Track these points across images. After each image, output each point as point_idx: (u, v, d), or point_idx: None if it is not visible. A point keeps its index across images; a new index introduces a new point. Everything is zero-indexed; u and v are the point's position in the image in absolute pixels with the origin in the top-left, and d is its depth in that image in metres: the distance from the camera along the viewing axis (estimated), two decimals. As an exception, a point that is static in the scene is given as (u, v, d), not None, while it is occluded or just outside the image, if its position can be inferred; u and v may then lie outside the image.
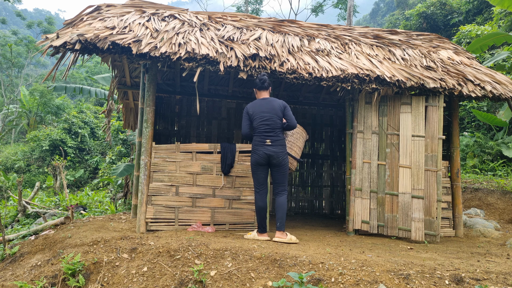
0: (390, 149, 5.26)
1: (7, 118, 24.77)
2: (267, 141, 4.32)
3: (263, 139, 4.34)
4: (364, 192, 5.35)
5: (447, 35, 17.75)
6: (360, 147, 5.44)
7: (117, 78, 6.48)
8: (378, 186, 5.24)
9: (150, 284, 3.28)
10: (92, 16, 4.91)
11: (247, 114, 4.49)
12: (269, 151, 4.30)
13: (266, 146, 4.32)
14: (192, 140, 7.56)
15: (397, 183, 5.14)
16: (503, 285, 2.93)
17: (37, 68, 42.58)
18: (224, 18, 5.79)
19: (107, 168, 14.06)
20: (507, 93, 5.28)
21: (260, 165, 4.38)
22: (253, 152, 4.40)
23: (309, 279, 3.05)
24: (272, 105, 4.42)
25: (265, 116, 4.37)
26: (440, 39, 6.77)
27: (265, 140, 4.33)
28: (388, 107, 5.35)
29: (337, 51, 5.51)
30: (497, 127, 10.51)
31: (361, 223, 5.40)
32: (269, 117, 4.37)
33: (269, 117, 4.37)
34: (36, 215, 7.66)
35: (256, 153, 4.37)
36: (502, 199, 7.11)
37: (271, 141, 4.32)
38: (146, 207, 4.82)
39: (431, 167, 5.02)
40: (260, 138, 4.36)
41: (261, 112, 4.39)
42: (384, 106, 5.37)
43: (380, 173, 5.29)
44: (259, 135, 4.37)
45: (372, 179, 5.30)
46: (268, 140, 4.32)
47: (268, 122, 4.36)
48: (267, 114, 4.37)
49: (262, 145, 4.33)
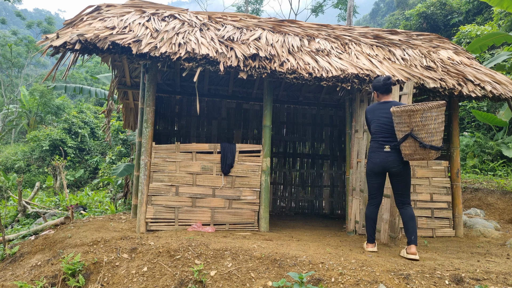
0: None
1: (7, 118, 24.77)
2: (386, 148, 3.90)
3: (381, 145, 3.94)
4: (357, 192, 5.38)
5: (447, 35, 17.74)
6: (356, 147, 5.46)
7: (117, 78, 6.48)
8: (364, 185, 5.22)
9: (150, 284, 3.28)
10: (92, 16, 4.91)
11: (366, 119, 4.20)
12: (387, 159, 3.87)
13: (383, 153, 3.90)
14: (192, 140, 7.56)
15: None
16: (503, 285, 2.93)
17: (37, 68, 42.57)
18: (224, 18, 5.79)
19: (107, 168, 14.06)
20: (507, 93, 5.28)
21: (376, 173, 3.99)
22: (368, 159, 4.05)
23: (309, 279, 3.05)
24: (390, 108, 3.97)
25: (385, 121, 3.96)
26: (440, 39, 6.77)
27: (383, 146, 3.92)
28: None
29: (337, 51, 5.51)
30: (497, 127, 10.51)
31: (354, 223, 5.40)
32: (389, 122, 3.91)
33: (389, 122, 3.92)
34: (36, 215, 7.66)
35: (371, 161, 4.00)
36: (502, 199, 7.11)
37: (390, 147, 3.89)
38: (146, 207, 4.82)
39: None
40: (377, 144, 3.98)
41: (380, 116, 3.99)
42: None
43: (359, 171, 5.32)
44: (376, 141, 4.00)
45: (362, 178, 5.30)
46: (387, 146, 3.90)
47: (388, 127, 3.92)
48: (387, 119, 3.94)
49: (379, 152, 3.93)
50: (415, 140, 3.62)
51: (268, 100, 5.31)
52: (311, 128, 8.20)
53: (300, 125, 8.19)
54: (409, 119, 3.62)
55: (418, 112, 3.57)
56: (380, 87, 4.09)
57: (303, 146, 8.26)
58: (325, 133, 8.28)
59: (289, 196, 8.06)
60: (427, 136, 3.59)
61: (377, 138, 3.99)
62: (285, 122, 8.15)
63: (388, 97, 4.13)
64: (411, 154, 3.71)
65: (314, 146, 8.24)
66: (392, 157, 3.86)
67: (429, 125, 3.58)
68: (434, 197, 5.54)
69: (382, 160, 3.90)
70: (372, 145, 4.05)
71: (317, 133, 8.26)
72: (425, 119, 3.58)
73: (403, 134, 3.69)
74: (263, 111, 5.33)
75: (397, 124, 3.74)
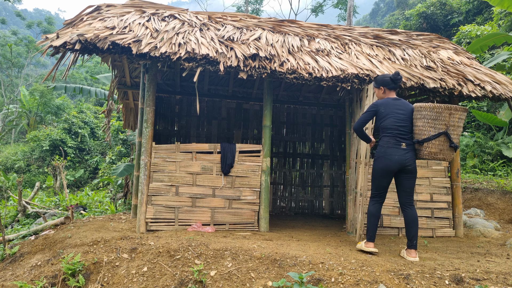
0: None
1: (7, 118, 24.77)
2: (402, 145, 3.78)
3: (398, 142, 3.78)
4: (352, 192, 5.41)
5: (447, 35, 17.75)
6: (354, 147, 5.49)
7: (117, 78, 6.48)
8: (356, 185, 5.27)
9: (150, 284, 3.28)
10: (92, 16, 4.91)
11: (375, 111, 3.95)
12: (405, 156, 3.76)
13: (401, 150, 3.77)
14: (192, 140, 7.56)
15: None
16: (503, 285, 2.93)
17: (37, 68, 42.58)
18: (224, 18, 5.79)
19: (107, 168, 14.06)
20: (507, 93, 5.28)
21: (390, 171, 3.82)
22: (383, 156, 3.81)
23: (309, 279, 3.05)
24: (409, 107, 3.91)
25: (401, 117, 3.84)
26: (440, 39, 6.77)
27: (400, 142, 3.78)
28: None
29: (337, 51, 5.51)
30: (497, 127, 10.51)
31: (350, 222, 5.41)
32: (406, 119, 3.83)
33: (406, 119, 3.83)
34: (36, 215, 7.66)
35: (387, 158, 3.79)
36: (502, 199, 7.11)
37: (406, 144, 3.79)
38: (146, 207, 4.82)
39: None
40: (394, 140, 3.80)
41: (397, 112, 3.86)
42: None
43: (357, 172, 5.33)
44: (393, 136, 3.81)
45: (355, 179, 5.34)
46: (404, 144, 3.78)
47: (405, 124, 3.83)
48: (403, 116, 3.84)
49: (397, 149, 3.77)
50: (448, 139, 3.61)
51: (268, 100, 5.31)
52: (311, 128, 8.20)
53: (300, 125, 8.19)
54: (449, 117, 3.58)
55: (458, 112, 3.58)
56: (389, 82, 4.01)
57: (303, 146, 8.26)
58: (325, 133, 8.28)
59: (289, 196, 8.06)
60: (456, 137, 3.64)
61: (395, 135, 3.81)
62: (285, 122, 8.15)
63: (394, 94, 4.06)
64: (436, 152, 3.67)
65: (314, 146, 8.24)
66: (409, 154, 3.78)
67: (460, 127, 3.65)
68: (434, 197, 5.55)
69: (400, 157, 3.76)
70: (388, 140, 3.83)
71: (317, 133, 8.26)
72: (460, 120, 3.62)
73: (437, 131, 3.62)
74: (263, 111, 5.33)
75: (432, 121, 3.63)
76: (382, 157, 3.83)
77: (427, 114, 3.66)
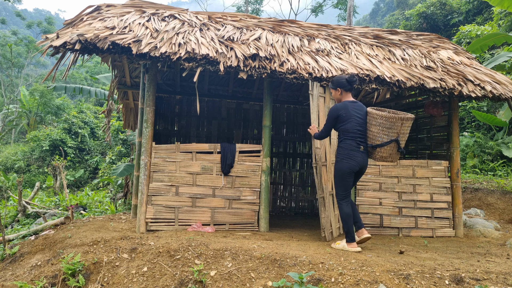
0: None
1: (7, 118, 24.78)
2: (361, 148, 4.03)
3: (358, 145, 4.02)
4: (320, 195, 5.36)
5: (447, 35, 17.75)
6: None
7: (117, 78, 6.49)
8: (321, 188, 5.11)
9: (150, 284, 3.28)
10: (92, 16, 4.91)
11: (336, 116, 4.10)
12: (364, 158, 4.04)
13: (360, 152, 4.02)
14: (192, 140, 7.56)
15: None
16: (503, 285, 2.93)
17: (37, 68, 42.58)
18: (224, 18, 5.79)
19: (107, 168, 14.06)
20: (507, 93, 5.28)
21: (354, 172, 4.04)
22: (348, 158, 4.01)
23: (309, 279, 3.05)
24: (364, 110, 4.13)
25: (360, 121, 4.06)
26: (440, 39, 6.77)
27: (360, 145, 4.02)
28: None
29: (337, 51, 5.51)
30: (497, 127, 10.51)
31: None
32: (363, 123, 4.07)
33: (363, 122, 4.07)
34: (36, 215, 7.66)
35: (352, 159, 4.00)
36: (502, 199, 7.11)
37: (363, 147, 4.05)
38: (146, 207, 4.82)
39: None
40: (355, 142, 4.02)
41: (356, 115, 4.06)
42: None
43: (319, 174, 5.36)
44: (354, 139, 4.02)
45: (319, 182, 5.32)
46: (362, 147, 4.03)
47: (363, 127, 4.06)
48: (361, 120, 4.07)
49: (358, 151, 4.00)
50: (397, 145, 3.92)
51: (268, 100, 5.31)
52: (311, 128, 8.19)
53: (300, 125, 8.19)
54: (401, 126, 3.88)
55: (408, 122, 3.91)
56: (346, 84, 4.17)
57: (303, 146, 8.26)
58: (325, 133, 8.27)
59: (289, 196, 8.06)
60: (403, 143, 3.97)
61: (355, 138, 4.02)
62: (285, 122, 8.15)
63: (350, 95, 4.24)
64: (386, 157, 3.99)
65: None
66: (366, 156, 4.07)
67: (407, 133, 3.99)
68: (434, 197, 5.55)
69: (361, 159, 4.02)
70: (350, 143, 4.02)
71: (317, 133, 8.25)
72: (408, 128, 3.96)
73: (390, 138, 3.91)
74: (263, 111, 5.33)
75: (387, 129, 3.91)
76: (347, 159, 4.03)
77: (382, 123, 3.91)
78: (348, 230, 3.98)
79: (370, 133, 4.01)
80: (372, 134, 3.99)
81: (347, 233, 3.99)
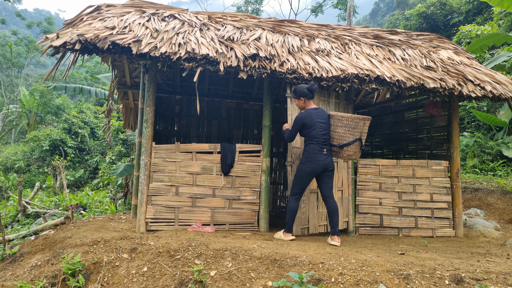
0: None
1: (7, 118, 24.78)
2: (324, 151, 4.41)
3: (321, 148, 4.41)
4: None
5: (447, 35, 17.75)
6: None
7: (117, 78, 6.48)
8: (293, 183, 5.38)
9: (150, 284, 3.28)
10: (92, 16, 4.91)
11: (302, 124, 4.50)
12: (327, 160, 4.41)
13: (323, 155, 4.41)
14: (192, 140, 7.56)
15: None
16: (503, 285, 2.93)
17: (37, 68, 42.58)
18: (224, 18, 5.79)
19: (107, 168, 14.06)
20: (507, 93, 5.28)
21: (314, 174, 4.45)
22: (311, 161, 4.40)
23: (309, 279, 3.05)
24: (326, 115, 4.53)
25: (323, 126, 4.46)
26: (440, 39, 6.77)
27: (323, 149, 4.42)
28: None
29: (337, 51, 5.51)
30: (497, 127, 10.51)
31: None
32: (326, 127, 4.47)
33: (326, 127, 4.47)
34: (36, 215, 7.66)
35: (314, 162, 4.39)
36: (502, 199, 7.11)
37: (327, 150, 4.44)
38: (146, 207, 4.82)
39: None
40: (318, 147, 4.41)
41: (319, 122, 4.46)
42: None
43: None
44: (317, 144, 4.42)
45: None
46: (325, 150, 4.42)
47: (326, 132, 4.46)
48: (324, 125, 4.47)
49: (321, 154, 4.40)
50: (360, 143, 4.36)
51: (268, 100, 5.31)
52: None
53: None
54: (363, 126, 4.33)
55: (368, 122, 4.35)
56: (307, 93, 4.55)
57: (303, 146, 8.25)
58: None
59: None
60: (364, 141, 4.41)
61: (319, 142, 4.42)
62: (285, 122, 8.14)
63: (312, 102, 4.64)
64: (351, 155, 4.41)
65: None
66: (329, 158, 4.46)
67: (366, 133, 4.42)
68: (434, 197, 5.55)
69: (323, 161, 4.40)
70: (313, 147, 4.41)
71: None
72: (367, 128, 4.38)
73: (354, 137, 4.35)
74: (263, 111, 5.32)
75: (352, 129, 4.35)
76: (309, 162, 4.42)
77: (348, 124, 4.35)
78: (288, 222, 4.49)
79: (337, 134, 4.41)
80: (338, 135, 4.40)
81: (286, 223, 4.51)
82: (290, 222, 4.50)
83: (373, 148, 8.00)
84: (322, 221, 5.27)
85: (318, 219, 5.22)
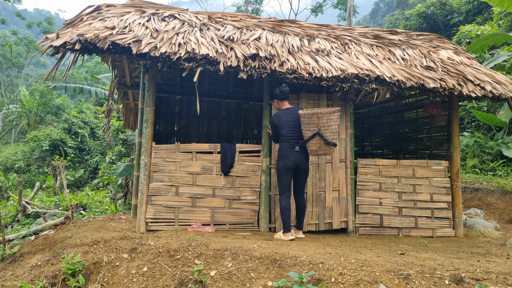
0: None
1: (7, 118, 24.78)
2: (296, 148, 4.56)
3: (292, 145, 4.57)
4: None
5: (447, 35, 17.75)
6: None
7: (117, 78, 6.48)
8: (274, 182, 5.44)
9: (150, 284, 3.28)
10: (92, 16, 4.91)
11: (273, 125, 4.75)
12: (299, 157, 4.56)
13: (295, 152, 4.55)
14: (192, 140, 7.56)
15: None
16: (503, 285, 2.93)
17: (37, 68, 42.58)
18: (224, 18, 5.79)
19: (107, 168, 14.06)
20: (507, 93, 5.28)
21: (290, 169, 4.59)
22: (283, 158, 4.59)
23: (309, 279, 3.05)
24: (296, 114, 4.64)
25: (293, 124, 4.61)
26: (440, 39, 6.77)
27: (294, 146, 4.57)
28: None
29: (337, 51, 5.51)
30: (497, 127, 10.51)
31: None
32: (297, 125, 4.59)
33: (296, 125, 4.60)
34: (36, 215, 7.66)
35: (286, 158, 4.57)
36: (502, 199, 7.11)
37: (299, 147, 4.56)
38: (146, 207, 4.82)
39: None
40: (289, 144, 4.58)
41: (288, 121, 4.63)
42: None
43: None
44: (287, 141, 4.59)
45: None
46: (297, 147, 4.56)
47: (296, 129, 4.59)
48: (294, 123, 4.62)
49: (292, 151, 4.56)
50: (321, 138, 4.37)
51: (268, 100, 5.31)
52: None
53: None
54: (317, 120, 4.34)
55: (325, 115, 4.31)
56: (279, 95, 4.79)
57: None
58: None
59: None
60: (330, 135, 4.37)
61: (289, 140, 4.58)
62: (285, 122, 8.14)
63: (286, 103, 4.83)
64: (317, 150, 4.45)
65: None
66: (302, 155, 4.58)
67: (332, 126, 4.37)
68: (434, 197, 5.55)
69: (295, 158, 4.54)
70: (284, 145, 4.60)
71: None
72: (330, 121, 4.34)
73: (312, 133, 4.39)
74: (263, 111, 5.32)
75: (307, 125, 4.40)
76: (282, 159, 4.61)
77: (303, 120, 4.42)
78: (284, 221, 4.53)
79: (302, 132, 4.51)
80: (303, 132, 4.51)
81: (283, 224, 4.53)
82: (287, 222, 4.55)
83: (373, 148, 8.00)
84: (313, 220, 5.34)
85: (308, 217, 5.34)
